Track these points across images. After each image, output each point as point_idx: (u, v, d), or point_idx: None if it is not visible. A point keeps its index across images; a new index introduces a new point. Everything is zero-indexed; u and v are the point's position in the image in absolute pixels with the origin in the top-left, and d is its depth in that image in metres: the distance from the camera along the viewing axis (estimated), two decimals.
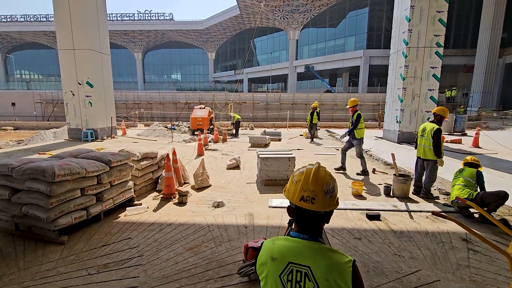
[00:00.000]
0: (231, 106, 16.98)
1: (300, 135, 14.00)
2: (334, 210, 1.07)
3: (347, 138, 6.73)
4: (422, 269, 2.80)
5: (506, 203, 3.85)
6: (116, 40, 48.29)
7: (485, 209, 3.80)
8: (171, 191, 4.70)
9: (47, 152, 8.66)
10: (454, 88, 25.01)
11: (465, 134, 13.54)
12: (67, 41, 11.37)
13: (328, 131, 15.59)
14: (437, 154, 4.62)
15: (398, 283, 2.57)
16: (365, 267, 2.81)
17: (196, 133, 13.76)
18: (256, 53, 49.53)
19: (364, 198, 4.84)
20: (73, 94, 11.67)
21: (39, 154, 8.32)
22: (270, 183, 5.58)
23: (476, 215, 3.99)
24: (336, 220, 3.91)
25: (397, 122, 10.98)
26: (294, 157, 5.67)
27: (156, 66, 58.61)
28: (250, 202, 4.64)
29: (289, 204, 1.16)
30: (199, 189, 5.28)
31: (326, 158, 8.31)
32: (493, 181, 5.53)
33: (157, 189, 5.18)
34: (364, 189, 5.16)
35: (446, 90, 24.21)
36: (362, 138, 6.47)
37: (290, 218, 2.09)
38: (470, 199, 3.81)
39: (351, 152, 9.50)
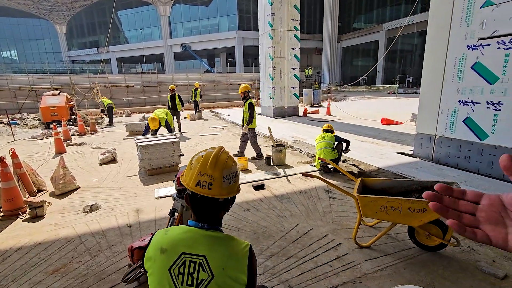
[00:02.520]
0: (97, 90, 14.37)
1: (185, 117, 13.51)
2: None
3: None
4: (299, 223, 3.25)
5: (352, 159, 4.97)
6: None
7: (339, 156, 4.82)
8: (17, 205, 3.58)
9: None
10: (310, 67, 29.93)
11: (321, 106, 16.58)
12: None
13: (212, 111, 15.73)
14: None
15: (283, 240, 2.90)
16: (255, 234, 3.02)
17: (51, 126, 11.01)
18: (123, 28, 43.28)
19: (249, 171, 5.17)
20: None
21: None
22: (155, 172, 5.13)
23: (332, 169, 4.98)
24: None
25: (270, 98, 12.18)
26: (178, 140, 5.37)
27: None
28: (133, 197, 4.13)
29: (186, 191, 1.04)
30: (62, 194, 4.28)
31: (212, 138, 8.37)
32: None
33: None
34: (248, 163, 5.51)
35: (305, 69, 28.66)
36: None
37: (172, 208, 1.94)
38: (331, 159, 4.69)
39: (239, 130, 9.96)
